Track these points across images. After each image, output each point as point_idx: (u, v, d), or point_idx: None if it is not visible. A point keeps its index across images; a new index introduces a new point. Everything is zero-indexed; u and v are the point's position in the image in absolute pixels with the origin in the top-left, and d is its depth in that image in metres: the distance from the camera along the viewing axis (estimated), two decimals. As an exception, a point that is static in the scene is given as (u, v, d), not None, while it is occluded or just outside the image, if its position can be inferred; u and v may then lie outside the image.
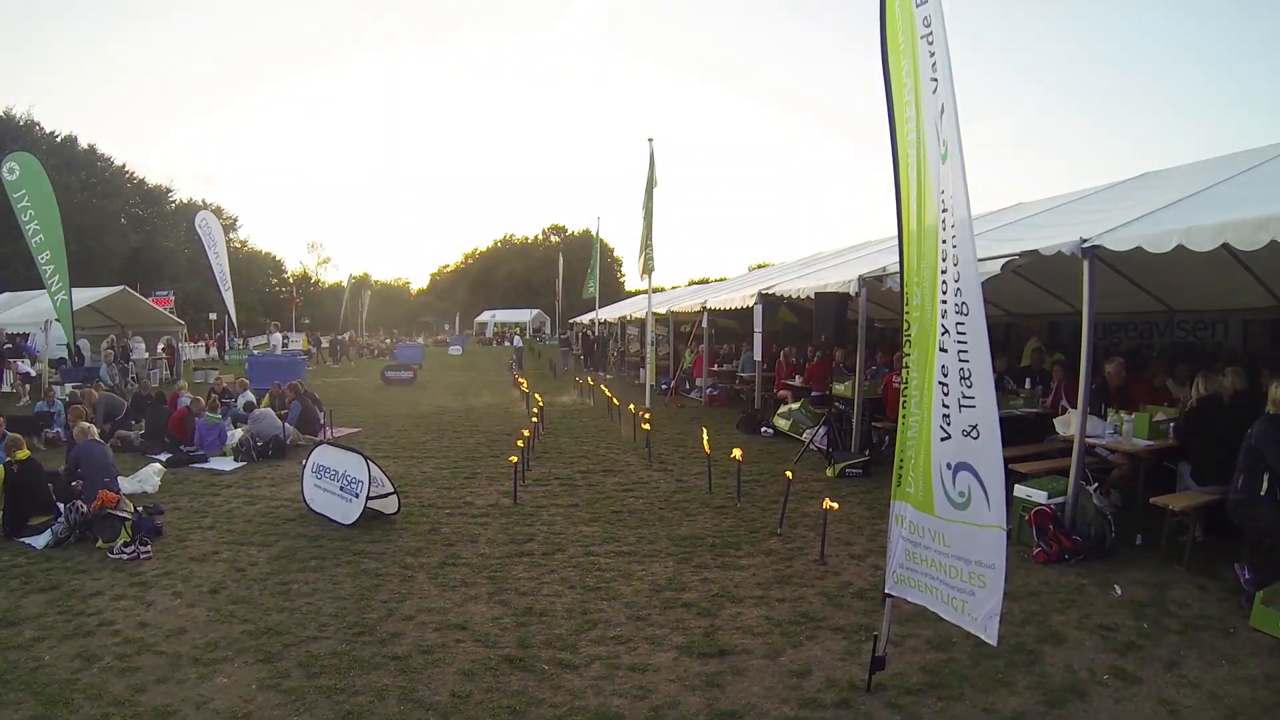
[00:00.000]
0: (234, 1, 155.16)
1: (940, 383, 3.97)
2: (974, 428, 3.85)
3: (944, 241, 3.95)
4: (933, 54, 3.96)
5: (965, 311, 3.85)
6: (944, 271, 3.95)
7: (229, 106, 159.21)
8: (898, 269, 9.86)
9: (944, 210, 3.94)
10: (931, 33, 3.96)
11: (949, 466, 3.99)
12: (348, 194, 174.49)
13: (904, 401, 4.29)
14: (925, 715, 4.21)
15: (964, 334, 3.86)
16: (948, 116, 3.89)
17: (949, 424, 3.97)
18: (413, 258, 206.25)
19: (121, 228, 55.59)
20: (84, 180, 51.52)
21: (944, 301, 3.95)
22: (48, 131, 53.14)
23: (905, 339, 4.32)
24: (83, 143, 56.10)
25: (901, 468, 4.30)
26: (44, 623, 5.64)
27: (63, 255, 16.12)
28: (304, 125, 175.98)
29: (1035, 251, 7.41)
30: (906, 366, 4.30)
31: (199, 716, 4.35)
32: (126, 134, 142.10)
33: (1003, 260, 7.76)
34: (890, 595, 4.49)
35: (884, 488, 8.98)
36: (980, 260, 7.94)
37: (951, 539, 4.02)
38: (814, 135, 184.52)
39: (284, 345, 29.09)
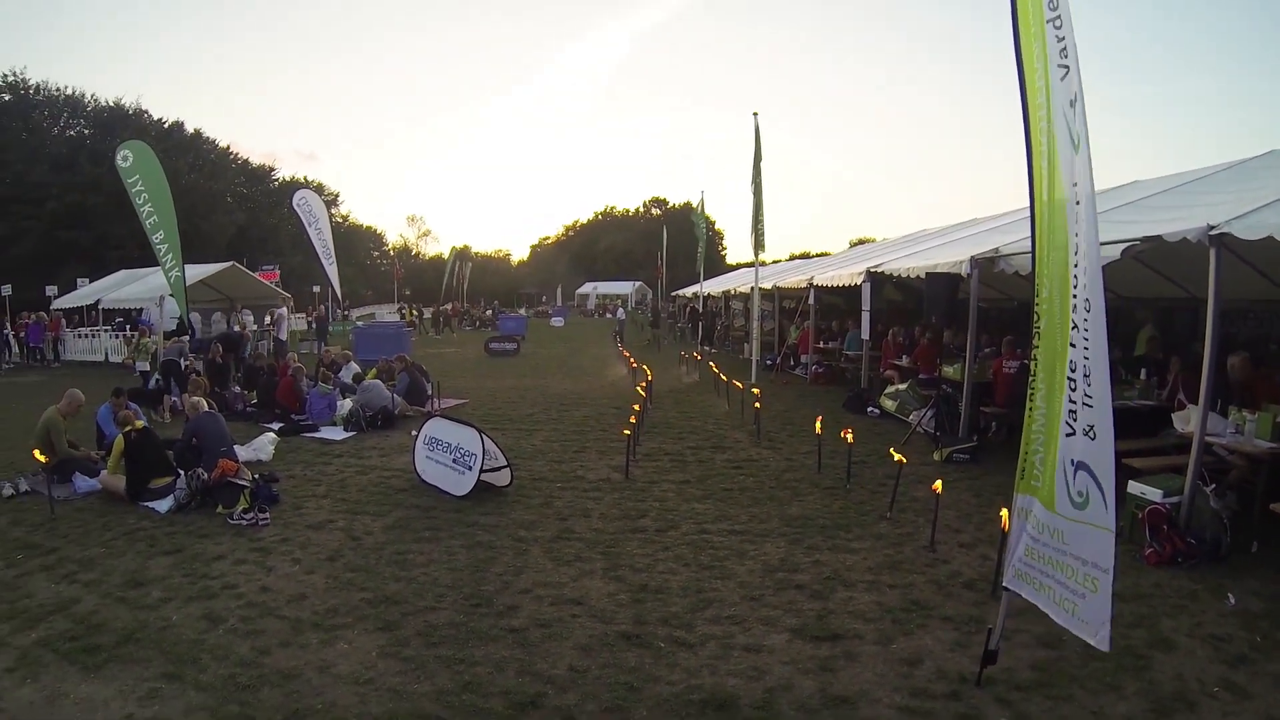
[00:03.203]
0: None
1: (1070, 378, 3.97)
2: (1091, 427, 3.87)
3: (1075, 235, 3.91)
4: (1061, 39, 3.89)
5: (1089, 308, 3.83)
6: (1075, 265, 3.92)
7: (329, 85, 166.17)
8: (1011, 250, 9.68)
9: (1076, 203, 3.89)
10: (1059, 16, 3.88)
11: (1072, 464, 3.99)
12: (448, 167, 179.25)
13: (1031, 394, 4.28)
14: (1034, 714, 4.18)
15: (1087, 330, 3.84)
16: (1078, 106, 3.85)
17: (1075, 420, 3.97)
18: (513, 229, 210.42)
19: (227, 206, 58.55)
20: (191, 163, 54.31)
21: (1075, 296, 3.93)
22: (155, 119, 56.33)
23: (1035, 330, 4.26)
24: (189, 127, 59.37)
25: (1026, 460, 4.30)
26: (170, 584, 6.01)
27: (175, 235, 17.07)
28: (402, 100, 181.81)
29: (1159, 238, 7.06)
30: (1034, 359, 4.27)
31: (322, 680, 4.55)
32: (230, 117, 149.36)
33: (1123, 245, 7.41)
34: (1008, 589, 4.48)
35: (992, 474, 8.93)
36: (1099, 244, 7.65)
37: (1070, 537, 4.03)
38: (918, 109, 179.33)
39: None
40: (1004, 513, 4.74)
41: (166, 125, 56.48)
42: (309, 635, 5.13)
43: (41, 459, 8.19)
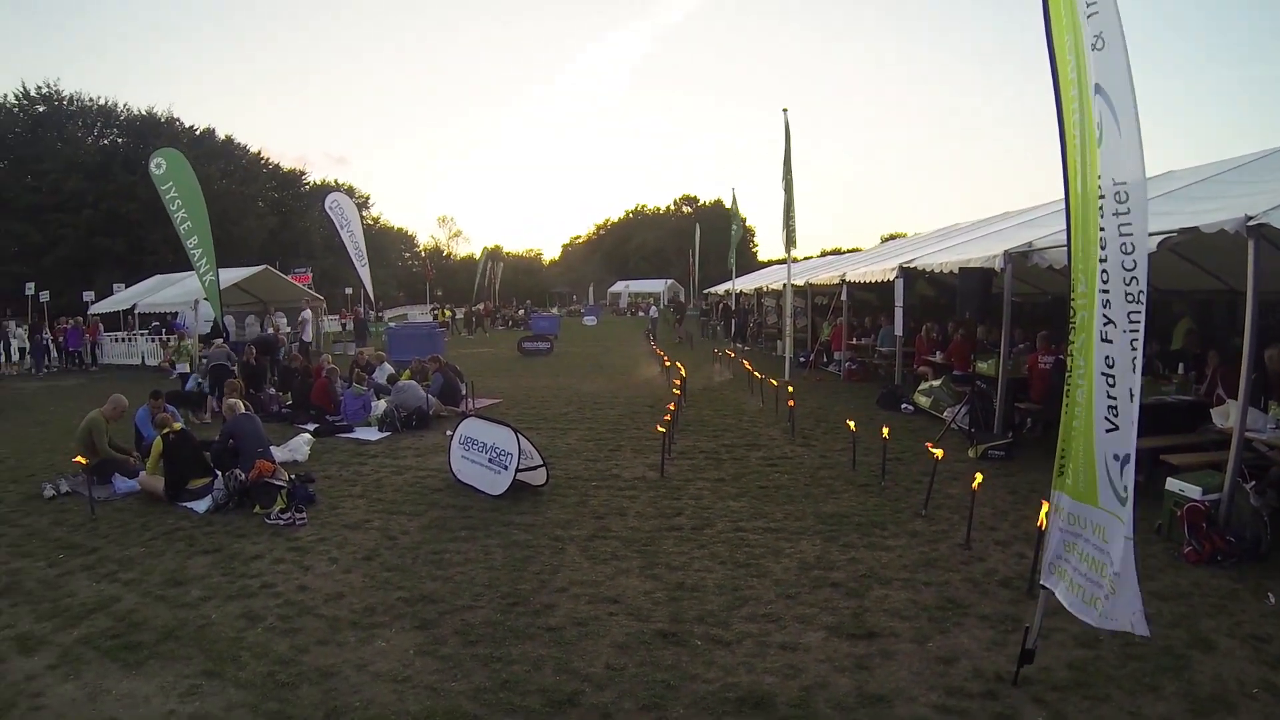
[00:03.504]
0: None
1: (1104, 374, 3.96)
2: (1127, 421, 3.87)
3: (1103, 229, 3.90)
4: (1095, 28, 3.85)
5: (1141, 300, 3.80)
6: (1103, 260, 3.91)
7: (358, 88, 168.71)
8: (1044, 244, 9.61)
9: (1103, 196, 3.88)
10: (1092, 5, 3.86)
11: (1116, 458, 3.95)
12: (477, 168, 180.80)
13: (1068, 389, 4.25)
14: (1071, 713, 4.15)
15: (1137, 323, 3.81)
16: (1106, 94, 3.81)
17: (1116, 415, 3.93)
18: (544, 229, 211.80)
19: (260, 210, 59.46)
20: (223, 169, 55.21)
21: (1104, 290, 3.93)
22: (187, 126, 57.39)
23: (1070, 325, 4.23)
24: (220, 134, 60.41)
25: (1063, 457, 4.28)
26: (209, 583, 6.13)
27: (209, 239, 17.37)
28: (431, 102, 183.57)
29: (1195, 229, 6.96)
30: (1071, 354, 4.25)
31: (360, 678, 4.60)
32: (260, 122, 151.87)
33: (1160, 238, 7.26)
34: (1044, 587, 4.45)
35: (1027, 471, 8.90)
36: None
37: (1111, 534, 4.00)
38: (947, 102, 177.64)
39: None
40: (1043, 510, 4.70)
41: (198, 132, 57.53)
42: (347, 634, 5.19)
43: (81, 462, 8.38)
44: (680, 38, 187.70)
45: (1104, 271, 3.89)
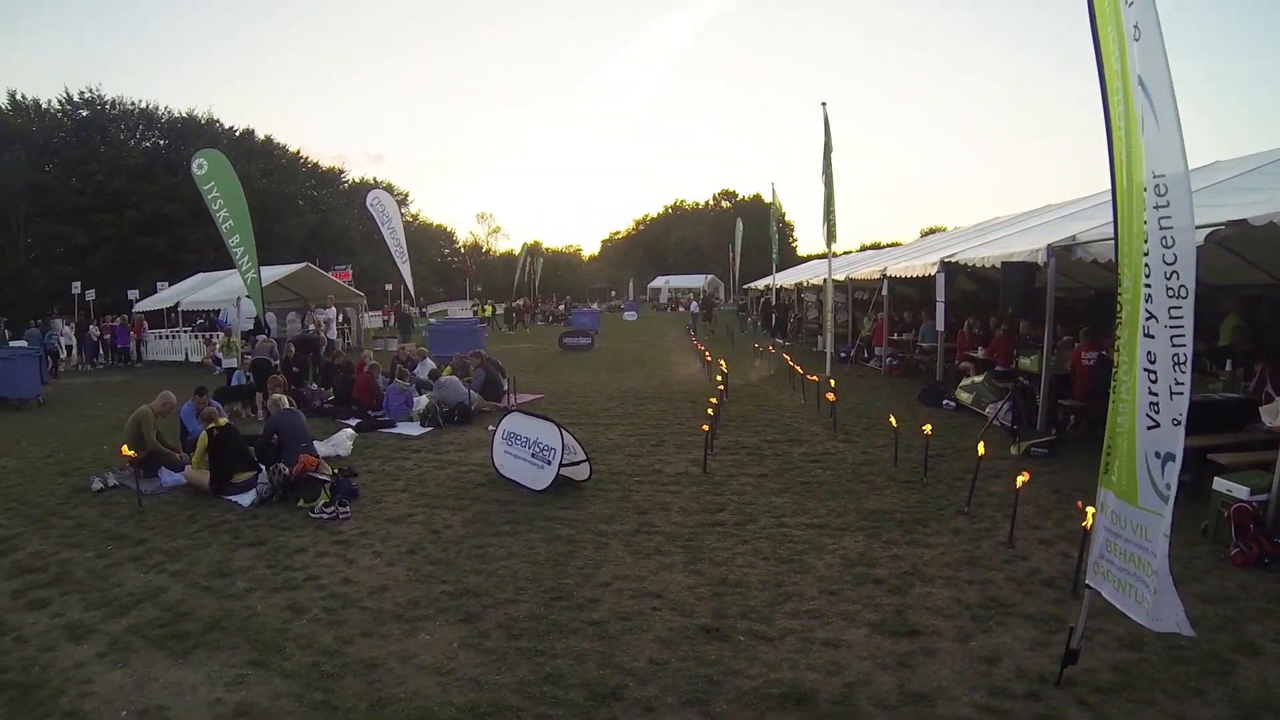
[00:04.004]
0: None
1: (1146, 369, 3.94)
2: (1181, 416, 3.83)
3: (1146, 222, 3.86)
4: (1135, 15, 3.83)
5: (1184, 295, 3.76)
6: (1147, 254, 3.89)
7: (395, 87, 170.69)
8: (1089, 237, 9.41)
9: (1150, 187, 3.83)
10: None
11: (1158, 456, 3.93)
12: (515, 165, 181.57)
13: (1114, 385, 4.21)
14: (1115, 717, 4.12)
15: (1179, 318, 3.78)
16: (1145, 85, 3.80)
17: (1157, 412, 3.91)
18: (583, 225, 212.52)
19: (299, 209, 60.64)
20: (263, 168, 56.52)
21: (1148, 285, 3.90)
22: (227, 127, 58.98)
23: (1118, 320, 4.19)
24: (259, 134, 61.82)
25: (1109, 454, 4.26)
26: (254, 575, 6.25)
27: (250, 238, 17.76)
28: (468, 99, 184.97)
29: (1244, 221, 6.84)
30: (1118, 350, 4.21)
31: (404, 670, 4.67)
32: (299, 122, 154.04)
33: (1207, 230, 7.09)
34: (1089, 587, 4.43)
35: (1071, 469, 8.80)
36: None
37: (1153, 533, 3.96)
38: (986, 93, 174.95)
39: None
40: (1089, 510, 4.63)
41: (238, 133, 58.98)
42: (391, 626, 5.26)
43: (129, 454, 8.59)
44: (718, 32, 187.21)
45: (1146, 265, 3.86)
